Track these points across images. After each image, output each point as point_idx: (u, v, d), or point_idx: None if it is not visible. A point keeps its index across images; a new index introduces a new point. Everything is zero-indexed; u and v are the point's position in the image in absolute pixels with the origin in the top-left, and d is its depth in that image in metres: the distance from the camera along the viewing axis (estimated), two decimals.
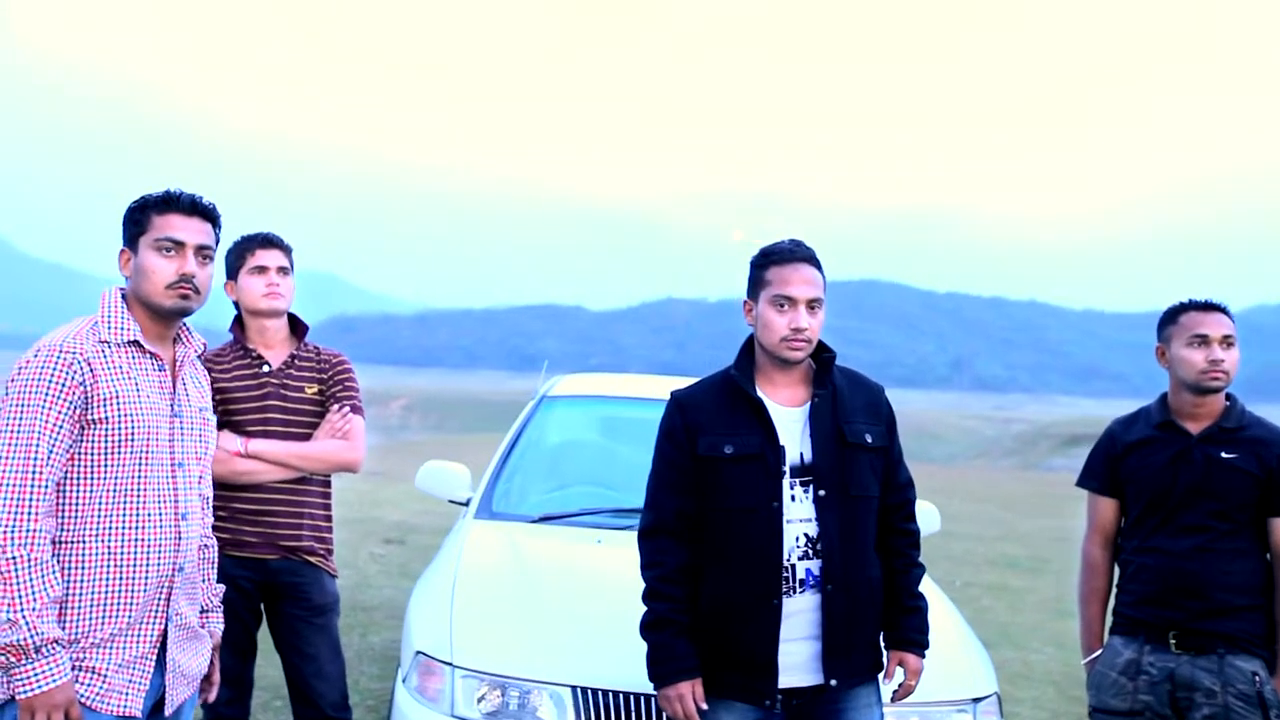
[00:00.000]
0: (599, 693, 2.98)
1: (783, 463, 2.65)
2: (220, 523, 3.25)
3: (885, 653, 2.80)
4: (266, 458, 3.39)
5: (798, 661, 2.64)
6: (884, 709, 2.80)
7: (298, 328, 3.62)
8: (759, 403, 2.69)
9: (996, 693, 3.23)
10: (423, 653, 3.20)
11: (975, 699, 3.15)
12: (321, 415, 3.52)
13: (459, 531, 4.12)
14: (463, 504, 4.36)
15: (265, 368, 3.51)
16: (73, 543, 2.34)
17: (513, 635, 3.22)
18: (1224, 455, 3.10)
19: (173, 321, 2.52)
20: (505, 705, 3.04)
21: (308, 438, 3.48)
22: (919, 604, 2.81)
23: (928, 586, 3.02)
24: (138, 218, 2.47)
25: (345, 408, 3.52)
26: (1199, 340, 3.12)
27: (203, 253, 2.49)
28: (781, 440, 2.67)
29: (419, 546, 10.15)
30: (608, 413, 5.10)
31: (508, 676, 3.06)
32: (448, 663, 3.12)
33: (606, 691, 2.98)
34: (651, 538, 2.74)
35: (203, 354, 2.66)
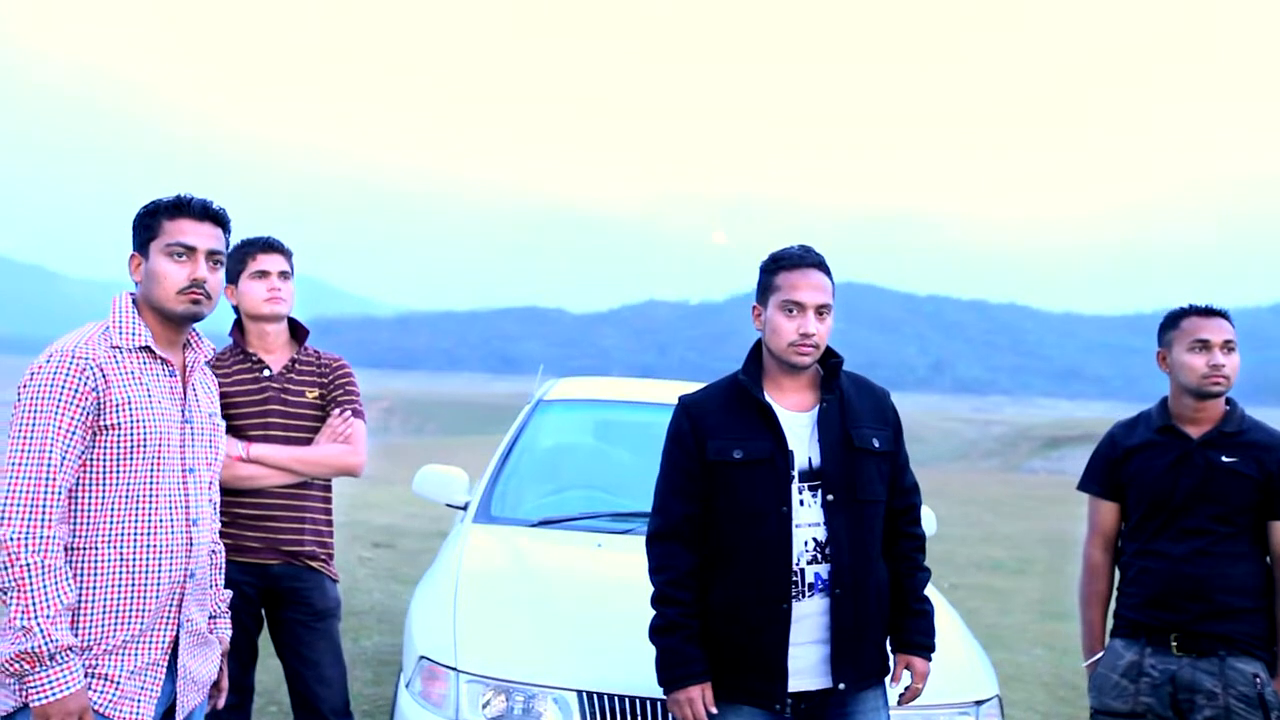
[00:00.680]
0: (604, 697, 2.99)
1: (791, 467, 2.67)
2: (222, 528, 3.23)
3: (891, 656, 2.82)
4: (268, 462, 3.37)
5: (806, 665, 2.65)
6: (890, 712, 2.82)
7: (298, 332, 3.61)
8: (768, 407, 2.70)
9: (998, 695, 3.25)
10: (426, 657, 3.19)
11: (978, 701, 3.18)
12: (322, 419, 3.51)
13: (458, 535, 4.11)
14: (460, 508, 4.36)
15: (266, 372, 3.49)
16: (85, 549, 2.33)
17: (517, 640, 3.22)
18: (1224, 459, 3.13)
19: (183, 327, 2.51)
20: (510, 710, 3.04)
21: (308, 442, 3.47)
22: (925, 607, 2.83)
23: (928, 590, 3.04)
24: (148, 222, 2.47)
25: (346, 412, 3.51)
26: (1200, 345, 3.15)
27: (214, 258, 2.48)
28: (790, 445, 2.68)
29: (408, 550, 10.12)
30: (604, 416, 5.10)
31: (513, 681, 3.06)
32: (452, 667, 3.11)
33: (612, 696, 2.99)
34: (660, 542, 2.75)
35: (210, 360, 2.66)
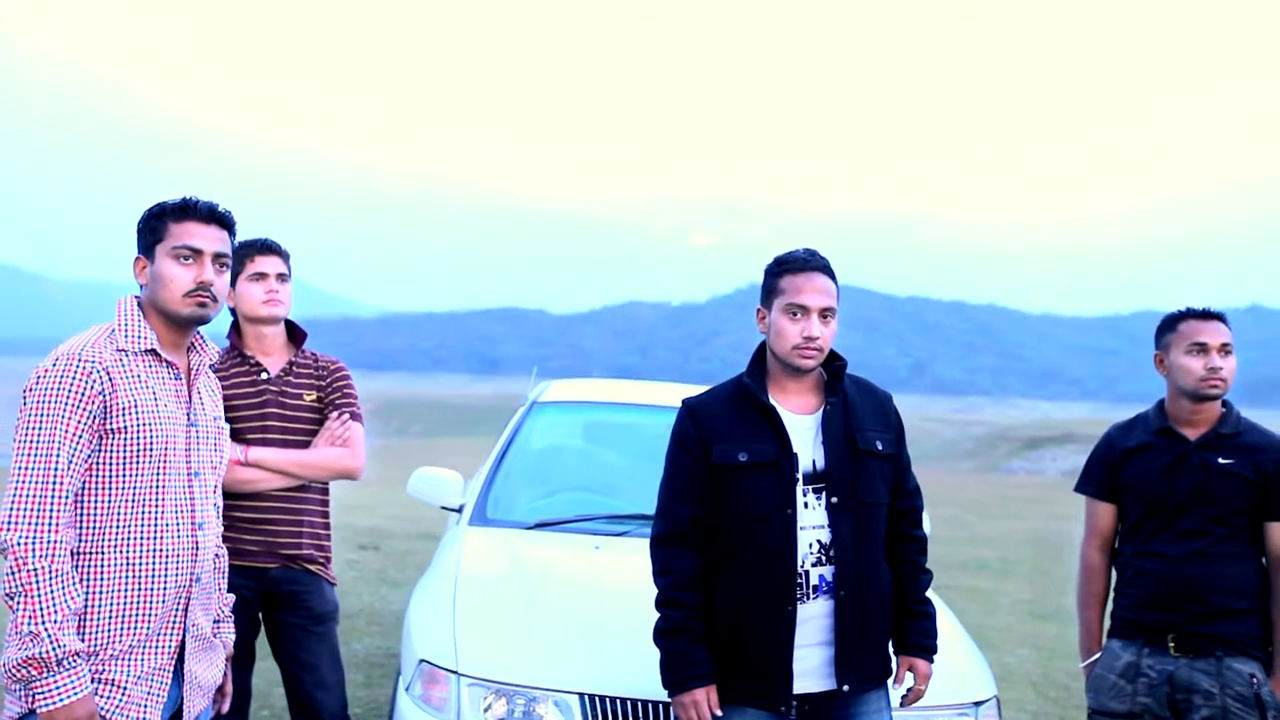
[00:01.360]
0: (606, 700, 2.98)
1: (796, 470, 2.68)
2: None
3: (893, 657, 2.83)
4: (266, 466, 3.36)
5: (811, 667, 2.66)
6: (892, 713, 2.83)
7: (295, 335, 3.60)
8: (772, 410, 2.71)
9: (996, 696, 3.27)
10: (427, 661, 3.19)
11: (977, 702, 3.19)
12: (320, 422, 3.50)
13: (454, 538, 4.10)
14: (455, 510, 4.35)
15: (264, 375, 3.48)
16: (91, 553, 2.32)
17: (518, 643, 3.21)
18: (1221, 461, 3.16)
19: (188, 330, 2.50)
20: (511, 713, 3.04)
21: (306, 445, 3.46)
22: (928, 609, 2.84)
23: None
24: (154, 225, 2.46)
25: (345, 415, 3.50)
26: (1198, 348, 3.18)
27: (220, 260, 2.47)
28: (795, 448, 2.69)
29: (394, 552, 10.10)
30: (598, 418, 5.10)
31: (515, 684, 3.05)
32: (453, 671, 3.10)
33: (614, 699, 2.98)
34: (665, 545, 2.75)
35: (214, 363, 2.65)
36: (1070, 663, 7.23)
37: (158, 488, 2.38)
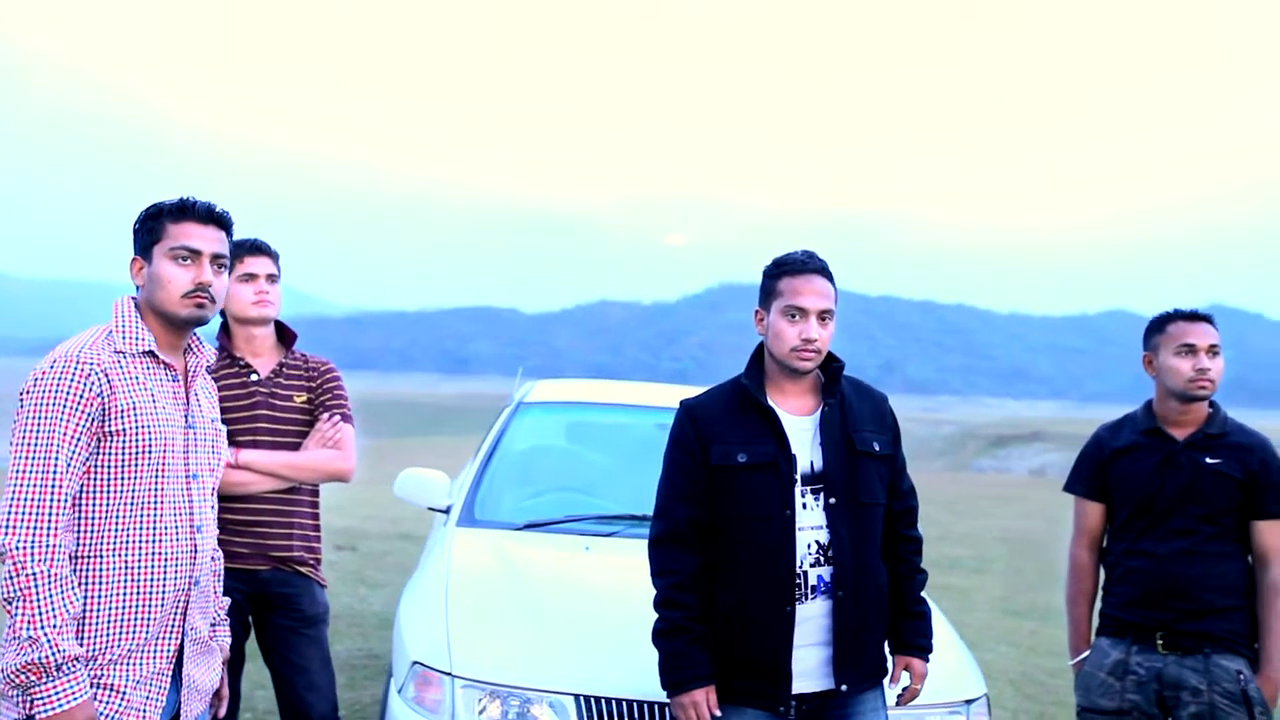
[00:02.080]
0: (602, 700, 2.99)
1: (794, 471, 2.69)
2: None
3: (889, 657, 2.85)
4: (257, 468, 3.34)
5: (809, 667, 2.68)
6: (888, 712, 2.85)
7: (285, 335, 3.58)
8: (771, 411, 2.72)
9: (986, 694, 3.30)
10: (420, 663, 3.17)
11: (968, 700, 3.22)
12: (310, 424, 3.47)
13: (443, 539, 4.08)
14: (442, 511, 4.33)
15: (253, 377, 3.45)
16: (90, 557, 2.29)
17: (512, 644, 3.21)
18: (1209, 461, 3.21)
19: (185, 331, 2.48)
20: (506, 714, 3.03)
21: (296, 447, 3.43)
22: (923, 609, 2.87)
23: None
24: (151, 226, 2.43)
25: (336, 416, 3.48)
26: (1186, 349, 3.22)
27: (218, 261, 2.46)
28: (793, 449, 2.70)
29: (371, 552, 10.05)
30: (585, 419, 5.10)
31: (509, 686, 3.05)
32: (447, 673, 3.09)
33: (609, 699, 2.99)
34: (663, 546, 2.75)
35: (211, 365, 2.63)
36: (1048, 659, 7.31)
37: (156, 491, 2.36)
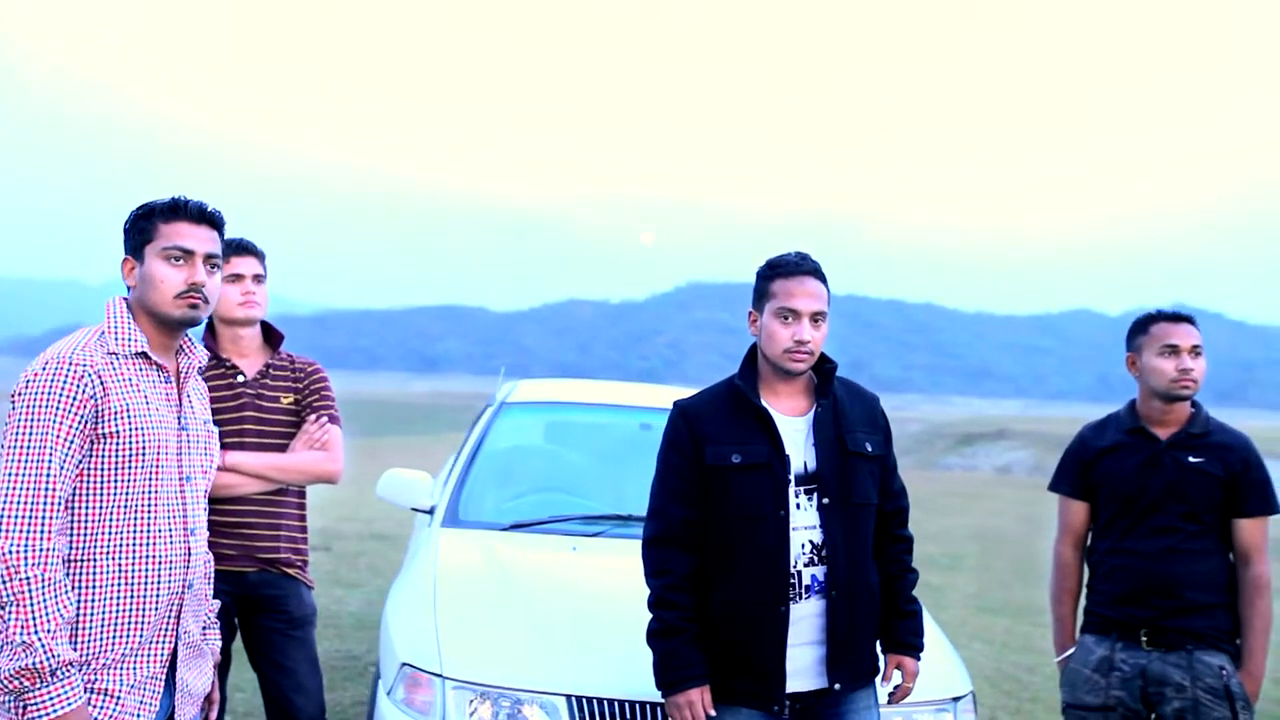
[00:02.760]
0: (593, 701, 2.99)
1: (788, 471, 2.70)
2: None
3: (881, 655, 2.87)
4: (244, 470, 3.30)
5: (803, 666, 2.69)
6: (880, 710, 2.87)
7: (271, 336, 3.55)
8: (764, 412, 2.73)
9: (972, 691, 3.33)
10: (409, 664, 3.16)
11: (955, 698, 3.25)
12: (297, 425, 3.45)
13: (427, 540, 4.07)
14: (426, 512, 4.32)
15: (240, 378, 3.42)
16: (83, 561, 2.27)
17: (502, 645, 3.20)
18: (1192, 460, 3.25)
19: (178, 332, 2.46)
20: (497, 716, 3.03)
21: (283, 449, 3.41)
22: (915, 608, 2.89)
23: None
24: (143, 225, 2.41)
25: (323, 418, 3.46)
26: (1169, 350, 3.26)
27: (211, 261, 2.43)
28: (786, 449, 2.72)
29: (345, 553, 9.99)
30: (568, 419, 5.10)
31: (501, 687, 3.04)
32: (437, 674, 3.08)
33: (600, 700, 2.99)
34: (658, 546, 2.76)
35: (203, 367, 2.60)
36: (1023, 656, 7.38)
37: (150, 493, 2.34)
